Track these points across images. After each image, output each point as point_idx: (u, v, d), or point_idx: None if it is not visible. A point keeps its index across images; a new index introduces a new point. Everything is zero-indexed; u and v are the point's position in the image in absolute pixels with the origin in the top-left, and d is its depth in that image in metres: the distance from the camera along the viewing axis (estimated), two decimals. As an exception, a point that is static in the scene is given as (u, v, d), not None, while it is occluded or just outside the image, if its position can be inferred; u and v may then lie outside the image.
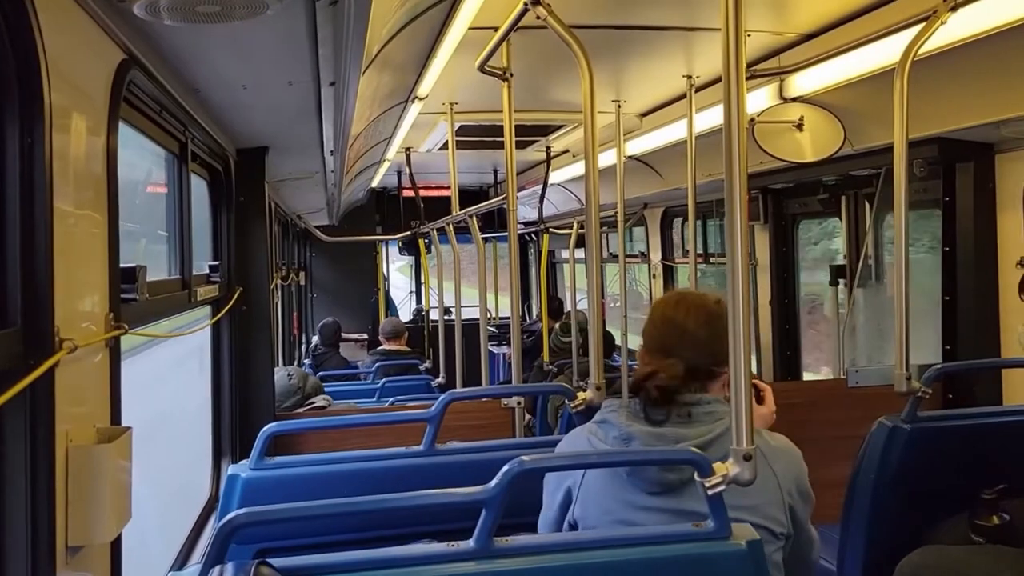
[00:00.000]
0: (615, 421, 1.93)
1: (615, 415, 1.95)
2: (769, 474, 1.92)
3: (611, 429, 1.93)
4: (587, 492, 1.93)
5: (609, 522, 1.89)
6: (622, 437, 1.90)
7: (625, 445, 1.89)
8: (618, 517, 1.88)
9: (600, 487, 1.91)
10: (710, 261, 6.40)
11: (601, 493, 1.91)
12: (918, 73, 2.66)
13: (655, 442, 1.87)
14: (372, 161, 6.22)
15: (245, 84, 2.40)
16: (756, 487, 1.86)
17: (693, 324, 1.99)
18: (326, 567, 1.53)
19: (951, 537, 2.58)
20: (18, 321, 1.29)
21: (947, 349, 3.69)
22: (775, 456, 1.95)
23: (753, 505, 1.88)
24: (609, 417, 1.95)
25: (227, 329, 3.45)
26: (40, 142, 1.34)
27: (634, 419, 1.93)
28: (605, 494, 1.90)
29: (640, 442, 1.88)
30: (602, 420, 1.97)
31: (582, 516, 1.92)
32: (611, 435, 1.92)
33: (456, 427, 3.46)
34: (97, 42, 1.68)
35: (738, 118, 1.60)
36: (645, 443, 1.87)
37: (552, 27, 2.33)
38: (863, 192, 4.55)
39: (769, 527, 1.90)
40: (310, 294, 10.07)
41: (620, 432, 1.90)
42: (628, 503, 1.88)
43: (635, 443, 1.88)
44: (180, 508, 3.14)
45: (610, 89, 4.18)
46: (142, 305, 1.91)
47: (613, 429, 1.92)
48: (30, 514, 1.30)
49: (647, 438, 1.88)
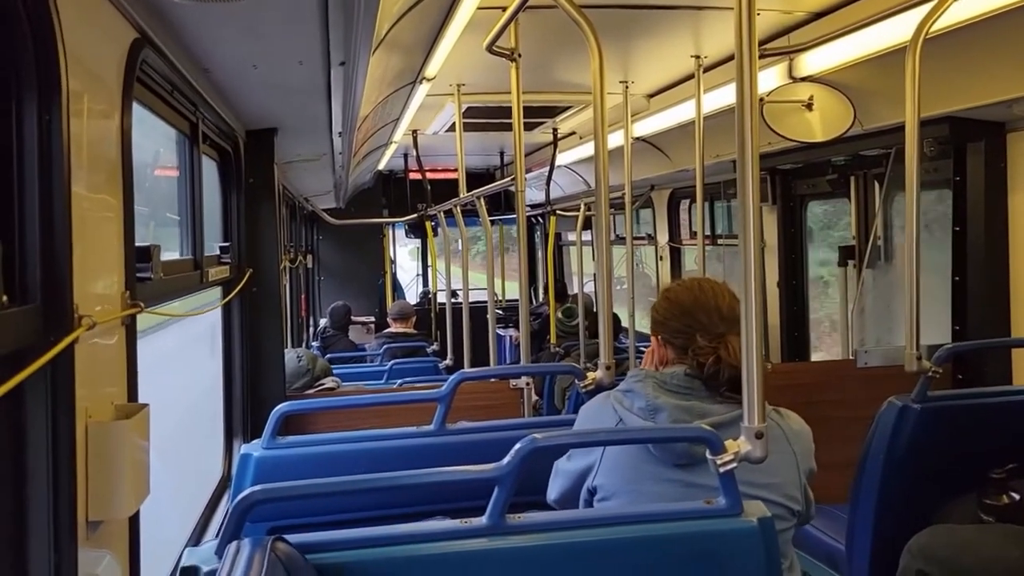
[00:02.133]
0: (642, 391, 1.94)
1: (641, 385, 1.95)
2: (790, 455, 1.95)
3: (637, 399, 1.94)
4: (611, 460, 1.93)
5: (630, 492, 1.90)
6: (648, 408, 1.91)
7: (651, 416, 1.90)
8: (640, 488, 1.89)
9: (625, 456, 1.92)
10: (717, 243, 6.39)
11: (625, 463, 1.91)
12: (929, 52, 2.64)
13: (681, 415, 1.88)
14: (379, 143, 6.21)
15: (255, 64, 2.40)
16: (778, 466, 1.90)
17: (727, 304, 1.99)
18: (340, 543, 1.55)
19: (960, 516, 2.59)
20: (38, 298, 1.31)
21: (957, 329, 3.69)
22: (795, 437, 1.97)
23: (774, 483, 1.91)
24: (635, 387, 1.96)
25: (238, 310, 3.47)
26: (57, 122, 1.34)
27: (661, 390, 1.93)
28: (629, 464, 1.91)
29: (666, 414, 1.88)
30: (628, 389, 1.98)
31: (603, 484, 1.93)
32: (637, 405, 1.93)
33: (465, 408, 3.48)
34: (111, 20, 1.69)
35: (751, 97, 1.60)
36: (671, 415, 1.88)
37: (561, 6, 2.32)
38: (872, 172, 4.53)
39: (788, 505, 1.93)
40: (317, 277, 10.09)
41: (647, 403, 1.91)
42: (652, 474, 1.89)
43: (661, 415, 1.89)
44: (190, 487, 3.16)
45: (618, 70, 4.16)
46: (156, 284, 1.93)
47: (639, 399, 1.93)
48: (51, 489, 1.32)
49: (674, 411, 1.88)
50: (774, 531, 1.70)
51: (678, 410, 1.88)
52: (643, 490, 1.88)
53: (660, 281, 7.19)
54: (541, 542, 1.62)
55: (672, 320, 2.03)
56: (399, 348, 6.67)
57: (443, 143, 6.38)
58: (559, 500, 2.08)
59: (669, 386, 1.94)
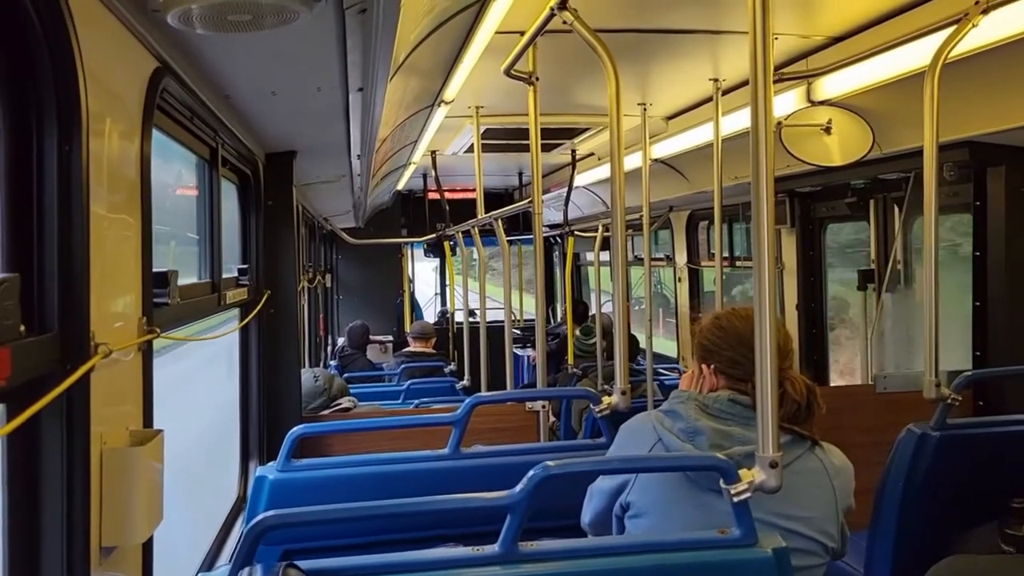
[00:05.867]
0: (684, 413, 1.93)
1: (683, 407, 1.95)
2: (829, 490, 1.93)
3: (678, 420, 1.93)
4: (646, 479, 1.93)
5: (662, 513, 1.89)
6: (688, 430, 1.90)
7: (690, 438, 1.89)
8: (673, 510, 1.88)
9: (661, 476, 1.91)
10: (736, 264, 6.37)
11: (661, 483, 1.91)
12: (948, 76, 2.64)
13: (721, 440, 1.87)
14: (398, 164, 6.25)
15: (275, 91, 2.43)
16: (816, 501, 1.90)
17: (782, 337, 1.95)
18: (351, 569, 1.55)
19: (980, 546, 2.55)
20: (55, 327, 1.32)
21: (977, 355, 3.64)
22: (836, 473, 1.96)
23: (811, 518, 1.90)
24: (678, 408, 1.95)
25: (255, 331, 3.49)
26: (77, 149, 1.36)
27: (702, 414, 1.93)
28: (665, 485, 1.90)
29: (706, 438, 1.88)
30: (670, 410, 1.97)
31: (635, 501, 1.93)
32: (677, 426, 1.92)
33: (481, 429, 3.48)
34: (132, 51, 1.72)
35: (765, 121, 1.60)
36: (711, 439, 1.87)
37: (578, 31, 2.34)
38: (892, 196, 4.50)
39: (823, 541, 1.92)
40: (336, 296, 10.13)
41: (687, 425, 1.91)
42: (687, 498, 1.88)
43: (700, 438, 1.88)
44: (207, 509, 3.17)
45: (636, 92, 4.17)
46: (173, 309, 1.94)
47: (680, 421, 1.92)
48: (66, 515, 1.33)
49: (713, 435, 1.88)
50: (789, 562, 1.68)
51: (717, 435, 1.88)
52: (675, 512, 1.87)
53: (678, 302, 7.16)
54: (553, 571, 1.62)
55: (727, 350, 2.00)
56: (417, 368, 6.67)
57: (462, 164, 6.41)
58: (593, 523, 2.07)
59: (711, 410, 1.93)
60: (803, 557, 1.87)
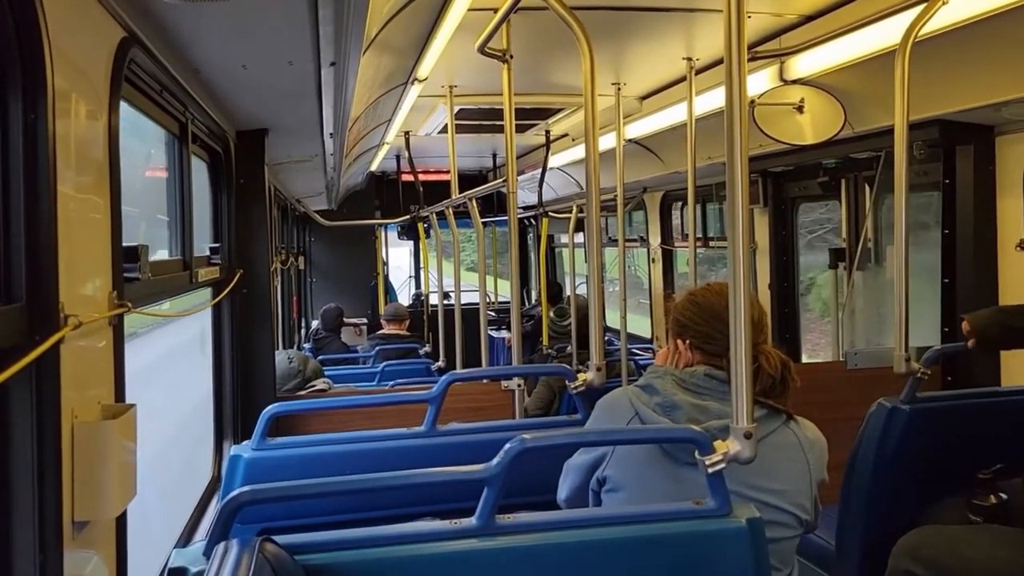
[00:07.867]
0: (660, 387, 1.94)
1: (660, 381, 1.96)
2: (803, 463, 1.96)
3: (655, 395, 1.94)
4: (622, 453, 1.94)
5: (638, 487, 1.90)
6: (665, 404, 1.91)
7: (667, 412, 1.91)
8: (649, 483, 1.89)
9: (636, 450, 1.92)
10: (709, 245, 6.40)
11: (636, 457, 1.92)
12: (919, 55, 2.66)
13: (697, 414, 1.88)
14: (371, 144, 6.21)
15: (245, 64, 2.40)
16: (790, 474, 1.92)
17: (757, 312, 1.97)
18: (328, 544, 1.55)
19: (949, 517, 2.60)
20: (23, 297, 1.30)
21: (946, 331, 3.70)
22: (810, 446, 1.98)
23: (785, 490, 1.92)
24: (654, 383, 1.96)
25: (228, 311, 3.46)
26: (43, 120, 1.34)
27: (679, 388, 1.94)
28: (640, 459, 1.91)
29: (683, 412, 1.89)
30: (647, 384, 1.98)
31: (612, 475, 1.94)
32: (654, 400, 1.93)
33: (457, 409, 3.48)
34: (98, 19, 1.68)
35: (740, 100, 1.60)
36: (687, 413, 1.89)
37: (552, 7, 2.32)
38: (863, 175, 4.55)
39: (796, 513, 1.94)
40: (309, 279, 10.07)
41: (664, 399, 1.92)
42: (663, 471, 1.89)
43: (677, 412, 1.89)
44: (181, 488, 3.15)
45: (610, 72, 4.17)
46: (145, 284, 1.92)
47: (657, 395, 1.94)
48: (36, 489, 1.31)
49: (690, 409, 1.89)
50: (763, 532, 1.70)
51: (694, 409, 1.89)
52: (652, 486, 1.89)
53: (652, 283, 7.20)
54: (530, 543, 1.62)
55: (702, 325, 2.00)
56: (391, 350, 6.66)
57: (435, 145, 6.38)
58: (569, 499, 2.08)
59: (687, 384, 1.95)
60: (777, 529, 1.89)
